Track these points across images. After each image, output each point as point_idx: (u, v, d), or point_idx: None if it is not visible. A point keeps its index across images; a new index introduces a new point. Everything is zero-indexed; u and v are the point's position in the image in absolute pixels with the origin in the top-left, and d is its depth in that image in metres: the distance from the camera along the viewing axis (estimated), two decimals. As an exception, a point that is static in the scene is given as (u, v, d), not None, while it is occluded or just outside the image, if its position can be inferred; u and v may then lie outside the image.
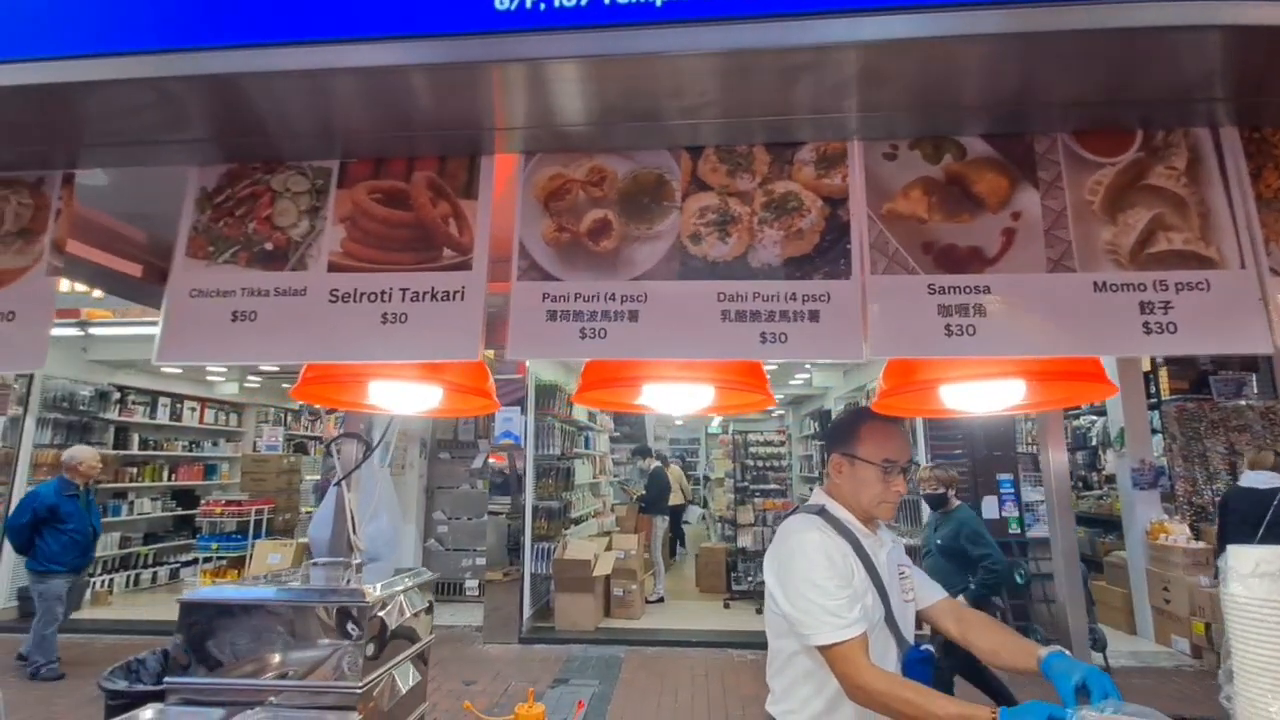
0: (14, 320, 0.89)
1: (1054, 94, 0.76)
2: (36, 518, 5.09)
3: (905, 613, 1.44)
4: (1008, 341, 0.77)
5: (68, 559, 5.17)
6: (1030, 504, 7.27)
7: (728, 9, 0.67)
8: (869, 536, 1.44)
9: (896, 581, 1.44)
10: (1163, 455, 8.13)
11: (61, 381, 8.65)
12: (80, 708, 4.85)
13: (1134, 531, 7.31)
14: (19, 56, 0.76)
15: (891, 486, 1.43)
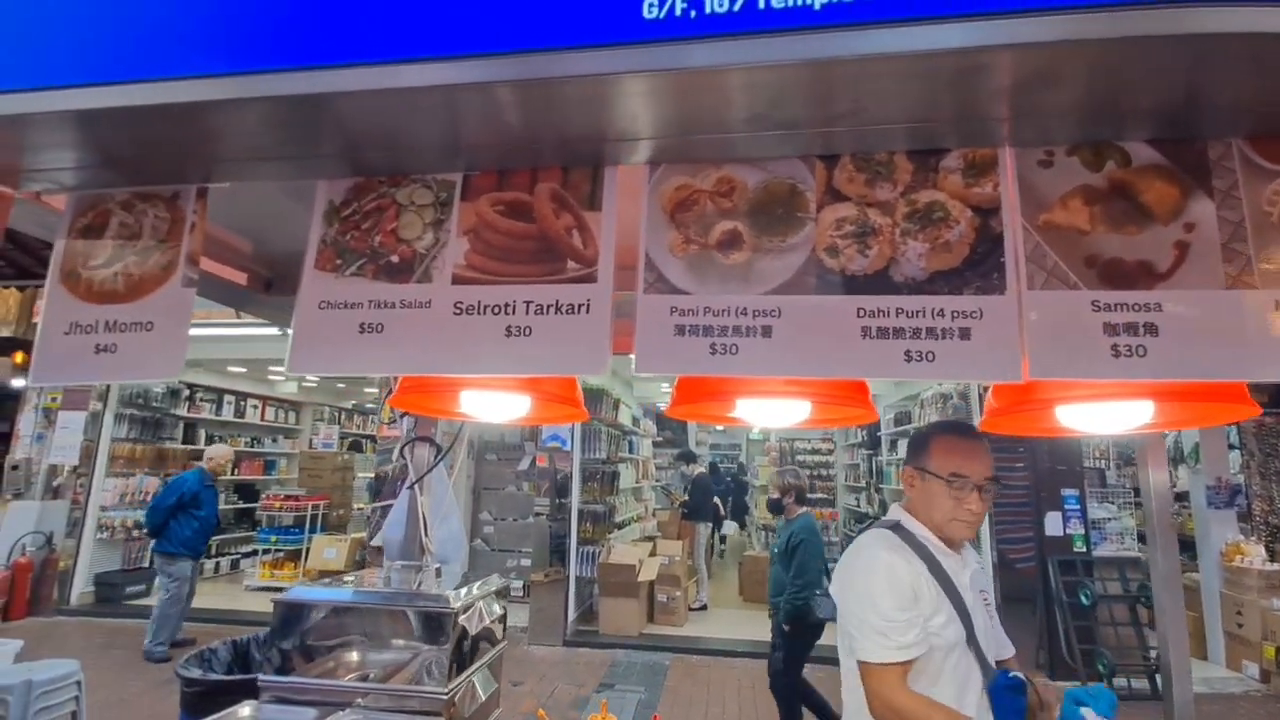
0: (153, 330, 0.92)
1: (1228, 97, 0.70)
2: (181, 502, 5.54)
3: (988, 637, 1.38)
4: (1183, 364, 0.71)
5: (195, 544, 5.63)
6: (1096, 521, 6.94)
7: (886, 12, 0.64)
8: (949, 555, 1.39)
9: (980, 605, 1.39)
10: (1240, 472, 7.68)
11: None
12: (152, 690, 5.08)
13: (1208, 552, 6.92)
14: (158, 76, 0.78)
15: (963, 504, 1.36)
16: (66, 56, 0.81)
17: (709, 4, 0.67)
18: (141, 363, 0.92)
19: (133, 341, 0.92)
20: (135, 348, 0.92)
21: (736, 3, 0.66)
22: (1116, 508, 7.15)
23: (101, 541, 8.32)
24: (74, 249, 0.97)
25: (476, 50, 0.71)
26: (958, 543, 1.43)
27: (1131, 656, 6.00)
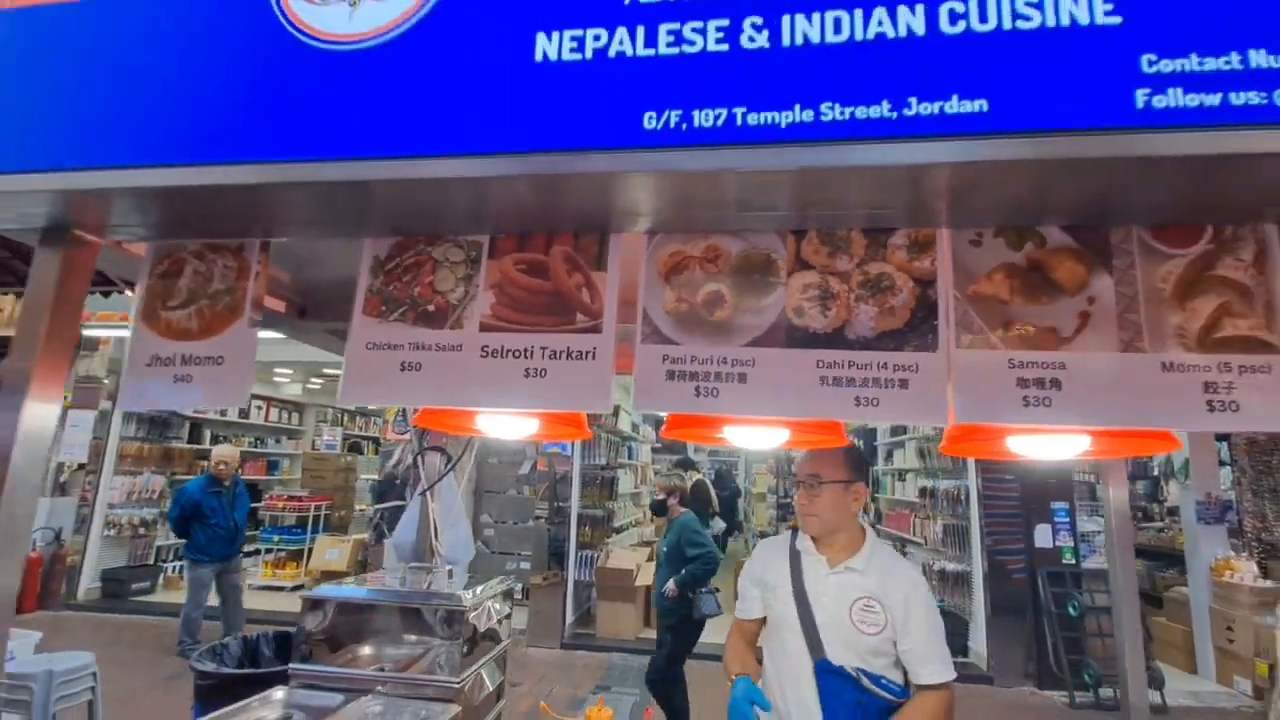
0: (223, 364, 1.08)
1: (1132, 199, 0.86)
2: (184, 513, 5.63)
3: (844, 634, 1.57)
4: (1081, 414, 0.87)
5: (213, 550, 5.67)
6: (1086, 534, 7.04)
7: (836, 133, 0.80)
8: (812, 555, 1.68)
9: (847, 607, 1.58)
10: (1230, 489, 7.78)
11: (145, 379, 9.20)
12: (161, 684, 5.22)
13: (1197, 567, 7.02)
14: (226, 160, 0.95)
15: (798, 499, 1.72)
16: (150, 139, 0.98)
17: (697, 118, 0.83)
18: (214, 392, 1.08)
19: (206, 373, 1.09)
20: (208, 379, 1.08)
21: (720, 118, 0.83)
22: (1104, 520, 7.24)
23: (109, 538, 8.46)
24: (153, 291, 1.14)
25: (501, 149, 0.87)
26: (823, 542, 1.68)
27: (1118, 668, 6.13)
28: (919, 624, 1.56)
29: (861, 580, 1.60)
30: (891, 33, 0.81)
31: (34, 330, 1.06)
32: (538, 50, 0.89)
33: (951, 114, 0.77)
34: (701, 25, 0.85)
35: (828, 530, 1.66)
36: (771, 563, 1.74)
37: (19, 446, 1.02)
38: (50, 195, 1.02)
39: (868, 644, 1.54)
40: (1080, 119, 0.75)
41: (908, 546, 8.80)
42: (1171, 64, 0.74)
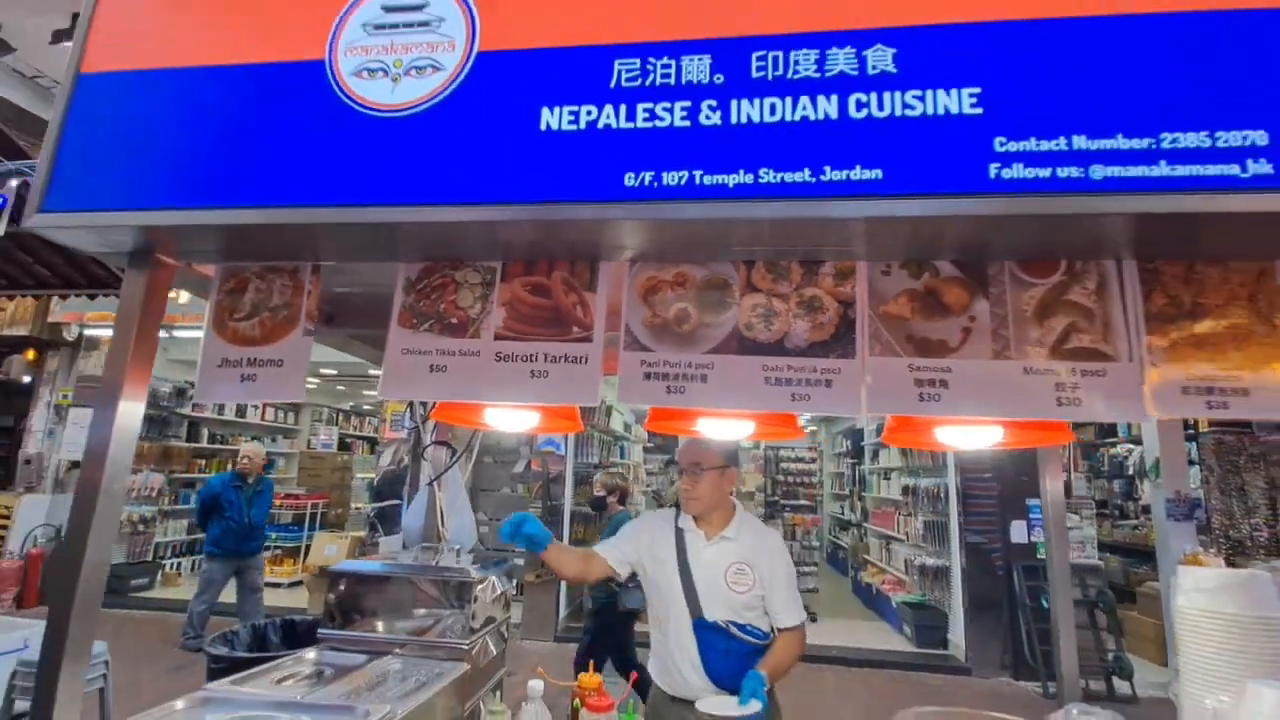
0: (282, 366, 1.33)
1: (999, 242, 1.12)
2: (204, 505, 5.82)
3: (720, 594, 1.87)
4: (963, 407, 1.13)
5: (226, 545, 5.79)
6: (1060, 530, 7.29)
7: (770, 192, 1.05)
8: (693, 531, 1.96)
9: (722, 572, 1.88)
10: (1199, 487, 8.08)
11: (145, 378, 9.35)
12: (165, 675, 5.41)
13: (1168, 563, 7.27)
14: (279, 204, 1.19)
15: (680, 484, 1.98)
16: (225, 185, 1.22)
17: (665, 178, 1.08)
18: (275, 389, 1.32)
19: (268, 374, 1.33)
20: (270, 378, 1.33)
21: (683, 178, 1.08)
22: (1079, 517, 7.53)
23: (109, 535, 8.55)
24: (222, 305, 1.38)
25: (513, 199, 1.12)
26: (702, 519, 1.96)
27: (1088, 658, 6.40)
28: (780, 582, 1.90)
29: (734, 548, 1.91)
30: (812, 116, 1.06)
31: (125, 339, 1.30)
32: (542, 121, 1.14)
33: (855, 180, 1.03)
34: (669, 105, 1.11)
35: (707, 509, 1.95)
36: (660, 539, 2.00)
37: (114, 439, 1.26)
38: (140, 230, 1.26)
39: (740, 600, 1.86)
40: (949, 185, 1.00)
41: (891, 543, 9.09)
42: (1017, 145, 1.00)
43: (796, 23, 1.10)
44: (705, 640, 1.86)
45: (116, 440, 1.26)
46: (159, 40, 1.32)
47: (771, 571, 1.89)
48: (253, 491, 6.00)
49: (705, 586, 1.88)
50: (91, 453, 1.24)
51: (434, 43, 1.20)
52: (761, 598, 1.88)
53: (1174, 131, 0.96)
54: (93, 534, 1.22)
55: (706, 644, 1.85)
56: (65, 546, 1.23)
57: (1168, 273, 1.13)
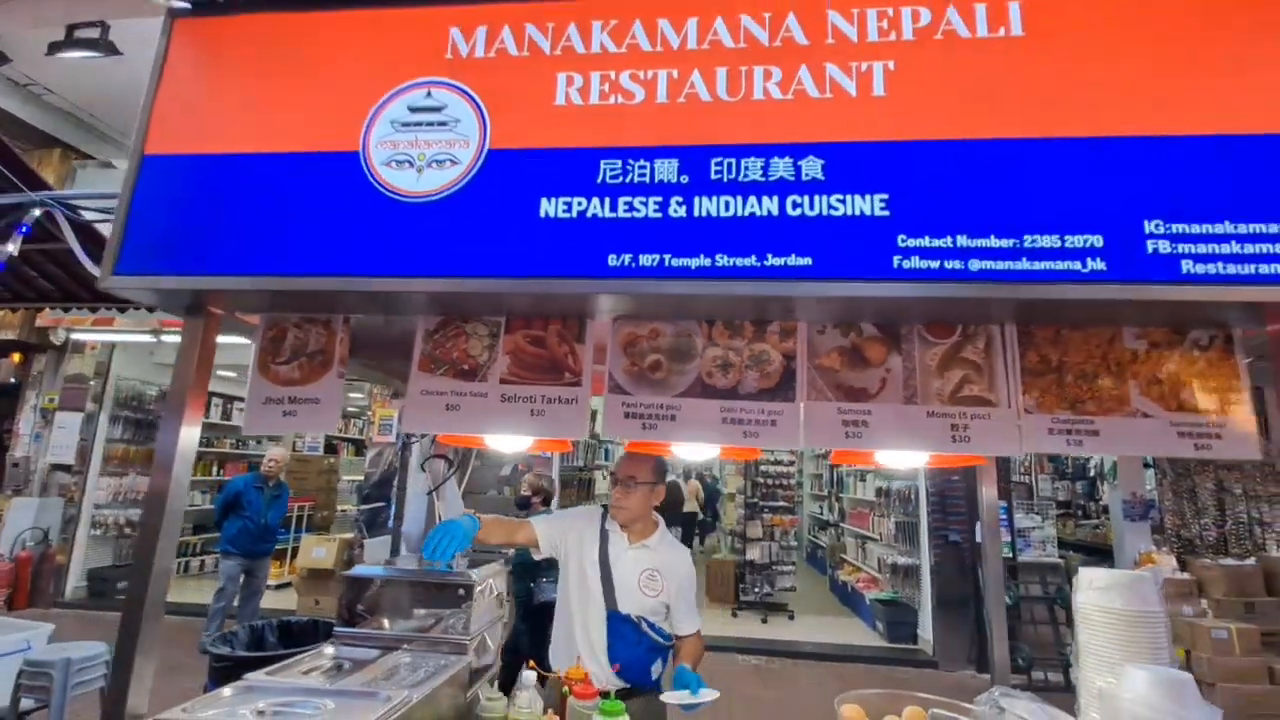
0: (319, 403, 1.57)
1: (913, 313, 1.41)
2: (227, 501, 5.86)
3: (631, 594, 2.08)
4: (880, 443, 1.41)
5: (240, 544, 5.83)
6: (1022, 530, 7.70)
7: (724, 274, 1.32)
8: (617, 534, 2.16)
9: (636, 575, 2.10)
10: (1154, 489, 8.51)
11: (131, 382, 9.48)
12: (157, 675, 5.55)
13: (1123, 561, 7.67)
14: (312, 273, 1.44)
15: (613, 493, 2.17)
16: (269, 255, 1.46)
17: (641, 259, 1.35)
18: (313, 423, 1.57)
19: (306, 409, 1.58)
20: (308, 413, 1.57)
21: (655, 260, 1.35)
22: (1042, 517, 7.92)
23: (95, 538, 8.64)
24: (265, 350, 1.63)
25: (516, 274, 1.38)
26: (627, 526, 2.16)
27: (1048, 652, 6.78)
28: (684, 594, 2.15)
29: (650, 556, 2.14)
30: (758, 212, 1.34)
31: (185, 374, 1.53)
32: (541, 209, 1.40)
33: (791, 265, 1.30)
34: (645, 199, 1.37)
35: (632, 520, 2.16)
36: (587, 533, 2.20)
37: (178, 457, 1.50)
38: (196, 292, 1.50)
39: (649, 603, 2.09)
40: (864, 272, 1.28)
41: (867, 543, 9.46)
42: (915, 241, 1.28)
43: (747, 136, 1.37)
44: (616, 631, 2.05)
45: (179, 460, 1.50)
46: (212, 128, 1.55)
47: (679, 585, 2.13)
48: (272, 494, 6.06)
49: (621, 583, 2.09)
50: (158, 470, 1.48)
51: (452, 140, 1.45)
52: (666, 606, 2.12)
53: (1033, 234, 1.25)
54: (160, 542, 1.46)
55: (616, 634, 2.05)
56: (135, 556, 1.47)
57: (1040, 336, 1.42)
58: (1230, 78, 1.28)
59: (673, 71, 1.43)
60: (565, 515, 2.34)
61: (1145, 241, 1.22)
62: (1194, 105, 1.27)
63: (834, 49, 1.40)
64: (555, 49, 1.48)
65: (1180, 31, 1.30)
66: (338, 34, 1.57)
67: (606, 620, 2.08)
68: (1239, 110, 1.26)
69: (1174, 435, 1.36)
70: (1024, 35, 1.34)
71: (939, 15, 1.38)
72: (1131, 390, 1.39)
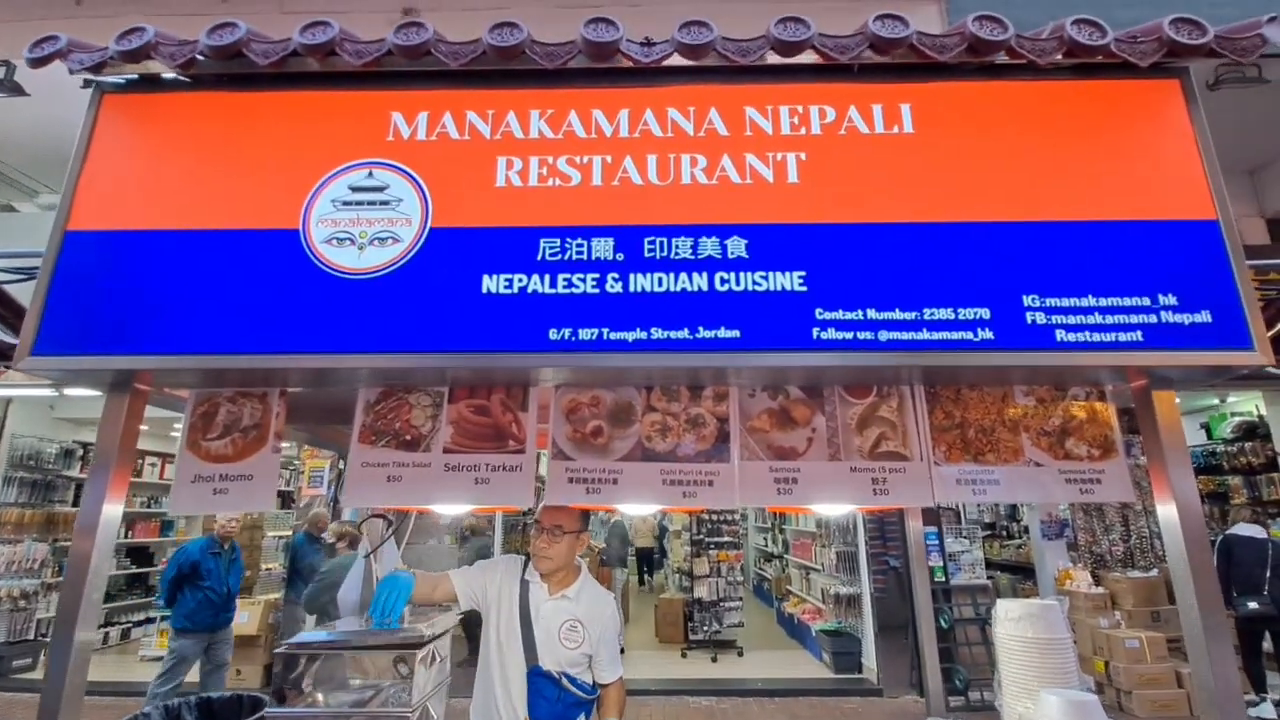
0: (253, 479, 1.54)
1: (833, 378, 1.54)
2: (180, 573, 5.19)
3: (552, 647, 2.01)
4: (809, 498, 1.51)
5: (201, 619, 5.20)
6: (953, 554, 8.03)
7: (659, 346, 1.41)
8: (538, 584, 2.08)
9: (556, 627, 2.03)
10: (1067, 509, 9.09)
11: (29, 440, 8.71)
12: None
13: (1044, 578, 8.10)
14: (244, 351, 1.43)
15: (536, 541, 2.06)
16: (205, 334, 1.45)
17: (580, 333, 1.42)
18: (245, 500, 1.53)
19: (239, 487, 1.54)
20: (241, 491, 1.53)
21: (594, 334, 1.42)
22: (969, 541, 8.31)
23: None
24: (195, 426, 1.58)
25: (458, 349, 1.42)
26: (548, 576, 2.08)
27: (983, 672, 7.04)
28: (608, 642, 2.09)
29: (571, 607, 2.06)
30: (690, 288, 1.44)
31: (110, 450, 1.47)
32: (484, 285, 1.45)
33: (722, 338, 1.40)
34: (584, 276, 1.45)
35: (555, 569, 2.06)
36: (507, 584, 2.11)
37: (99, 535, 1.43)
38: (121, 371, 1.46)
39: (569, 656, 2.01)
40: (787, 343, 1.40)
41: (810, 573, 9.64)
42: (830, 314, 1.41)
43: (677, 217, 1.49)
44: (536, 687, 1.96)
45: (101, 534, 1.43)
46: (142, 203, 1.54)
47: (601, 633, 2.06)
48: (229, 558, 5.47)
49: (542, 637, 2.00)
50: (76, 555, 1.41)
51: (394, 218, 1.49)
52: (589, 656, 2.04)
53: (931, 307, 1.41)
54: (79, 625, 1.38)
55: (536, 691, 1.96)
56: (53, 637, 1.38)
57: (944, 395, 1.58)
58: (1087, 172, 1.49)
59: (607, 157, 1.54)
60: (488, 565, 2.21)
61: (1025, 313, 1.40)
62: (1059, 194, 1.47)
63: (751, 140, 1.54)
64: (495, 134, 1.56)
65: (1045, 132, 1.52)
66: (278, 113, 1.60)
67: (526, 677, 2.00)
68: (1096, 199, 1.47)
69: (1062, 482, 1.53)
70: (914, 132, 1.53)
71: (842, 113, 1.55)
72: (1025, 442, 1.55)
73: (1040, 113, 1.55)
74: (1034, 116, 1.54)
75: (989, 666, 7.03)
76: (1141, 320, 1.38)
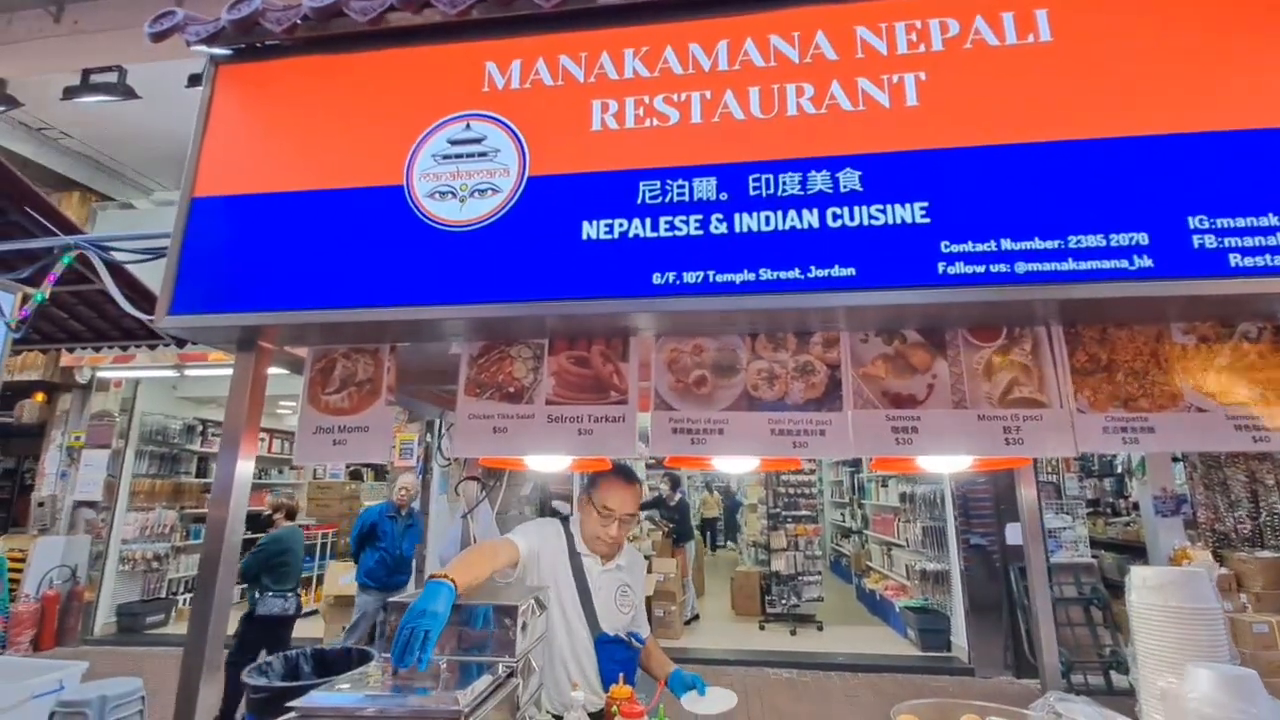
0: (369, 431, 1.60)
1: (958, 318, 1.42)
2: (362, 533, 5.73)
3: (610, 614, 2.09)
4: (931, 448, 1.41)
5: (378, 576, 5.65)
6: (1053, 530, 7.55)
7: (769, 288, 1.34)
8: (589, 556, 2.12)
9: (612, 594, 2.11)
10: (1184, 483, 8.35)
11: (156, 417, 9.60)
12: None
13: (1158, 558, 7.52)
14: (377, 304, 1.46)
15: (606, 529, 2.09)
16: (320, 290, 1.49)
17: (686, 277, 1.37)
18: (363, 451, 1.59)
19: (356, 438, 1.60)
20: (358, 441, 1.60)
21: (699, 277, 1.36)
22: (1072, 517, 7.78)
23: (124, 574, 8.70)
24: (315, 382, 1.65)
25: (560, 296, 1.40)
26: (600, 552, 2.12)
27: (1086, 654, 6.62)
28: (642, 600, 2.21)
29: (622, 575, 2.16)
30: (800, 226, 1.35)
31: (239, 408, 1.56)
32: (583, 232, 1.42)
33: (835, 276, 1.32)
34: (686, 218, 1.39)
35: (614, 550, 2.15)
36: (559, 559, 2.10)
37: (235, 490, 1.52)
38: (248, 328, 1.54)
39: (624, 619, 2.13)
40: (907, 279, 1.29)
41: (892, 549, 9.34)
42: (958, 247, 1.29)
43: (783, 151, 1.40)
44: (607, 654, 2.05)
45: (236, 488, 1.53)
46: (258, 168, 1.60)
47: (640, 590, 2.22)
48: (405, 524, 5.85)
49: (602, 607, 2.08)
50: (216, 501, 1.51)
51: (492, 170, 1.48)
52: (633, 616, 2.17)
53: (1077, 234, 1.26)
54: (221, 565, 1.48)
55: (608, 656, 2.04)
56: (200, 577, 1.49)
57: (1087, 335, 1.42)
58: (1262, 73, 1.29)
59: (705, 93, 1.46)
60: (536, 533, 2.13)
61: (1191, 236, 1.23)
62: (1232, 101, 1.28)
63: (864, 63, 1.42)
64: (589, 77, 1.52)
65: (1214, 29, 1.32)
66: (376, 73, 1.61)
67: (595, 645, 2.07)
68: (1273, 103, 1.27)
69: (1231, 429, 1.35)
70: (1053, 40, 1.36)
71: (967, 26, 1.40)
72: (1184, 385, 1.38)
73: (1204, 7, 1.34)
74: (1196, 11, 1.34)
75: (1094, 649, 6.60)
76: (1339, 239, 1.18)
